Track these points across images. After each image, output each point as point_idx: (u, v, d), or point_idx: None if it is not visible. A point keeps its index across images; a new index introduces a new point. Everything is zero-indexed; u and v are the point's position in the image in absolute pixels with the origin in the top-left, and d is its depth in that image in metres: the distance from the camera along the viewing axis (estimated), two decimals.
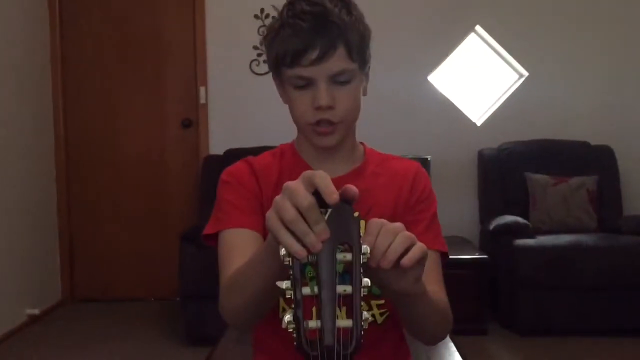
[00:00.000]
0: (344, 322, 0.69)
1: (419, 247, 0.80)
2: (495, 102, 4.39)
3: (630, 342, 3.37)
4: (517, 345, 3.38)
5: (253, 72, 4.26)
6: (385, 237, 0.78)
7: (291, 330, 0.69)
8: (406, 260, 0.77)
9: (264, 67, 4.24)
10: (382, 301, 1.14)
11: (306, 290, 0.69)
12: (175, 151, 4.43)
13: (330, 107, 1.09)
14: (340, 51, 1.07)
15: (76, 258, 4.44)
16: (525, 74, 4.31)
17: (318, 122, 1.11)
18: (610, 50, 4.29)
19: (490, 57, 4.39)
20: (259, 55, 4.25)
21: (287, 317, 0.69)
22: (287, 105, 1.18)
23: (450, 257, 3.82)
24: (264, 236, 1.10)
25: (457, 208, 4.26)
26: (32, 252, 4.00)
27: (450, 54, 4.33)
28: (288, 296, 0.69)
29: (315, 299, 0.70)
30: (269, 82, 4.57)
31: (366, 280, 0.70)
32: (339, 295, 0.69)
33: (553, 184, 3.85)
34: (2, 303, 3.63)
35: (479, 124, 4.34)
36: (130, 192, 4.43)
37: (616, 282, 3.43)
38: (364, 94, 1.19)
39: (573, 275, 3.42)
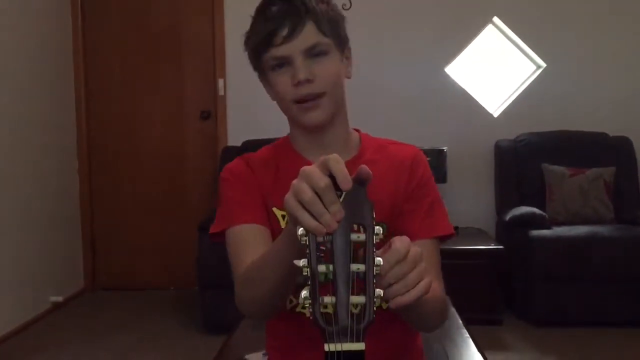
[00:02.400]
0: (357, 299, 0.72)
1: (426, 283, 0.80)
2: (512, 94, 4.39)
3: None
4: (532, 336, 3.39)
5: None
6: (401, 275, 0.78)
7: (307, 305, 0.72)
8: (407, 298, 0.78)
9: None
10: None
11: (322, 268, 0.71)
12: (194, 142, 4.49)
13: (309, 81, 1.10)
14: (310, 26, 1.10)
15: (97, 248, 4.53)
16: (543, 65, 4.29)
17: (302, 99, 1.13)
18: (628, 41, 4.26)
19: (508, 48, 4.38)
20: None
21: (304, 293, 0.72)
22: None
23: (466, 247, 3.84)
24: (271, 229, 1.15)
25: (474, 199, 4.27)
26: (55, 242, 4.10)
27: (467, 45, 4.33)
28: (304, 273, 0.72)
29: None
30: None
31: (378, 260, 0.73)
32: (353, 272, 0.72)
33: (570, 175, 3.85)
34: (27, 291, 3.73)
35: (495, 115, 4.34)
36: (150, 183, 4.50)
37: (632, 273, 3.42)
38: (348, 76, 1.20)
39: (588, 266, 3.42)
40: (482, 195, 4.28)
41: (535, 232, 3.50)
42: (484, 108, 4.34)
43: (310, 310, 0.72)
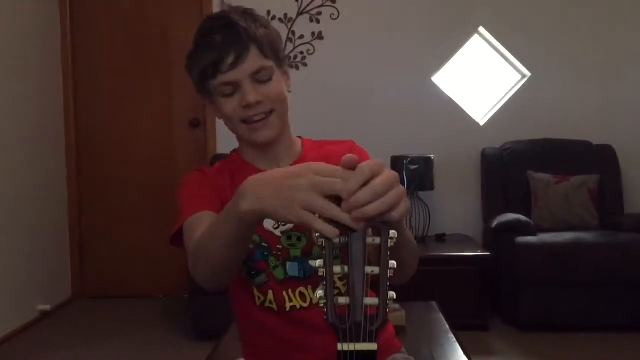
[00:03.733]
0: (370, 300, 0.73)
1: (407, 204, 0.79)
2: (498, 102, 4.45)
3: (630, 337, 3.42)
4: (519, 341, 3.44)
5: None
6: (371, 193, 0.75)
7: (322, 305, 0.73)
8: (394, 215, 0.77)
9: None
10: None
11: (337, 269, 0.73)
12: (183, 150, 4.51)
13: (258, 103, 1.17)
14: (254, 51, 1.16)
15: (86, 256, 4.53)
16: (528, 74, 4.36)
17: (250, 119, 1.19)
18: (612, 50, 4.34)
19: (493, 57, 4.45)
20: None
21: (320, 293, 0.73)
22: (292, 104, 1.27)
23: (453, 253, 3.89)
24: None
25: (461, 206, 4.32)
26: (43, 250, 4.09)
27: (453, 55, 4.39)
28: (320, 274, 0.73)
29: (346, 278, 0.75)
30: None
31: (392, 262, 0.75)
32: (367, 274, 0.73)
33: (555, 183, 3.91)
34: (15, 299, 3.72)
35: (482, 123, 4.40)
36: (139, 191, 4.51)
37: (616, 278, 3.48)
38: (289, 90, 1.26)
39: (574, 271, 3.47)
40: (468, 202, 4.34)
41: (521, 239, 3.55)
42: (470, 117, 4.39)
43: (325, 310, 0.73)
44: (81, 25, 4.47)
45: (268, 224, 1.19)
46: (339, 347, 0.72)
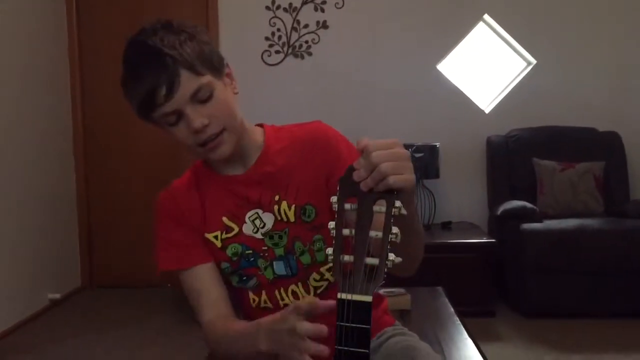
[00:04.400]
0: (371, 260, 0.82)
1: (404, 178, 0.86)
2: (503, 90, 4.45)
3: (635, 324, 3.43)
4: (524, 327, 3.46)
5: (265, 62, 4.34)
6: (365, 165, 0.86)
7: (330, 261, 0.85)
8: (392, 180, 0.85)
9: (276, 58, 4.32)
10: (330, 264, 1.20)
11: (345, 232, 0.84)
12: None
13: (205, 125, 1.11)
14: (185, 74, 1.08)
15: (94, 245, 4.57)
16: (533, 61, 4.36)
17: (204, 143, 1.14)
18: (618, 37, 4.32)
19: (499, 45, 4.45)
20: (271, 46, 4.33)
21: (329, 250, 0.84)
22: (298, 93, 1.27)
23: (459, 241, 3.91)
24: (209, 252, 1.23)
25: (466, 194, 4.34)
26: (52, 240, 4.13)
27: (459, 43, 4.39)
28: (331, 234, 0.86)
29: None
30: (280, 72, 4.68)
31: (395, 229, 0.83)
32: (371, 237, 0.83)
33: (560, 170, 3.91)
34: (25, 288, 3.77)
35: (487, 111, 4.40)
36: (146, 180, 4.54)
37: (621, 265, 3.49)
38: (235, 92, 1.19)
39: (579, 258, 3.49)
40: (474, 190, 4.35)
41: (527, 226, 3.57)
42: (475, 104, 4.40)
43: (332, 263, 0.85)
44: (88, 21, 4.49)
45: (247, 229, 1.21)
46: (339, 295, 0.83)
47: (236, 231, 1.21)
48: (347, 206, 0.85)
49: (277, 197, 1.20)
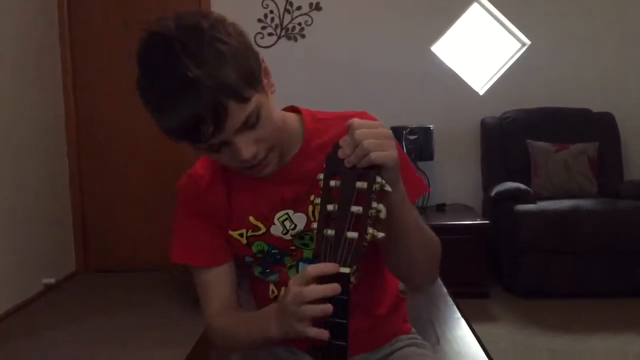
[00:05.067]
0: (351, 234, 0.84)
1: (393, 157, 0.87)
2: (497, 72, 4.43)
3: (629, 303, 3.46)
4: (518, 307, 3.48)
5: (258, 44, 4.31)
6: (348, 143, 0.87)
7: (314, 230, 0.87)
8: (374, 157, 0.85)
9: (269, 40, 4.29)
10: (355, 266, 1.17)
11: (330, 207, 0.87)
12: None
13: (254, 155, 1.00)
14: (231, 105, 0.93)
15: (89, 230, 4.56)
16: (528, 42, 4.34)
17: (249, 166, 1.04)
18: (612, 18, 4.30)
19: (493, 26, 4.42)
20: (263, 28, 4.30)
21: (313, 225, 0.87)
22: (291, 76, 1.19)
23: (454, 222, 3.90)
24: (232, 252, 1.18)
25: (460, 176, 4.34)
26: (47, 225, 4.12)
27: (453, 24, 4.36)
28: (317, 210, 0.87)
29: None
30: (274, 54, 4.63)
31: (375, 204, 0.85)
32: (352, 213, 0.85)
33: (554, 151, 3.91)
34: (20, 273, 3.76)
35: (481, 93, 4.39)
36: (140, 166, 4.53)
37: (615, 245, 3.50)
38: (273, 90, 1.06)
39: (573, 239, 3.50)
40: (468, 172, 4.35)
41: (521, 207, 3.57)
42: (469, 86, 4.38)
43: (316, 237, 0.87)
44: (79, 8, 4.44)
45: (275, 230, 1.13)
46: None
47: (263, 231, 1.14)
48: (332, 183, 0.87)
49: (312, 197, 1.06)
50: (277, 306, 0.99)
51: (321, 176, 0.89)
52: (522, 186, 3.71)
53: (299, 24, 4.32)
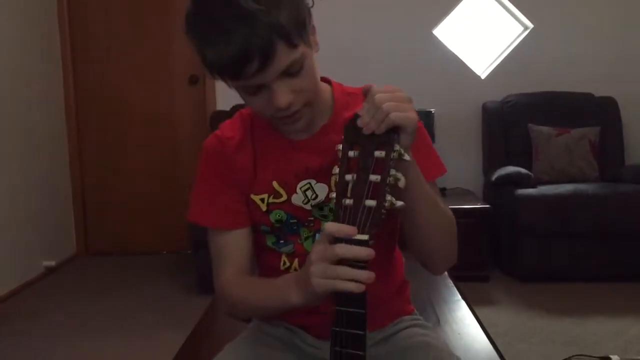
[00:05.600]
0: (369, 202, 0.84)
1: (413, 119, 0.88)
2: (499, 55, 4.41)
3: (627, 287, 3.47)
4: (518, 291, 3.49)
5: None
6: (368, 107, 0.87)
7: (333, 200, 0.87)
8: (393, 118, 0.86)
9: None
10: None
11: (348, 177, 0.86)
12: (183, 107, 4.49)
13: (290, 104, 1.00)
14: (280, 47, 0.93)
15: (89, 213, 4.57)
16: (530, 26, 4.31)
17: (283, 117, 1.04)
18: (615, 2, 4.27)
19: (495, 9, 4.39)
20: None
21: (332, 195, 0.87)
22: None
23: (454, 207, 3.89)
24: (250, 215, 1.17)
25: (461, 160, 4.33)
26: (47, 208, 4.12)
27: (455, 7, 4.33)
28: (335, 180, 0.87)
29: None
30: None
31: (399, 173, 0.85)
32: (370, 182, 0.85)
33: (556, 135, 3.90)
34: (20, 255, 3.77)
35: (483, 77, 4.37)
36: (140, 148, 4.52)
37: (615, 229, 3.50)
38: (316, 51, 1.07)
39: (573, 223, 3.50)
40: (469, 156, 4.34)
41: (521, 191, 3.57)
42: (471, 70, 4.36)
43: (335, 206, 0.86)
44: None
45: (297, 199, 1.13)
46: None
47: (284, 198, 1.13)
48: (351, 153, 0.87)
49: (335, 169, 1.13)
50: (298, 273, 0.98)
51: (340, 146, 0.88)
52: (522, 170, 3.71)
53: None
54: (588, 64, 4.29)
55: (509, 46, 4.39)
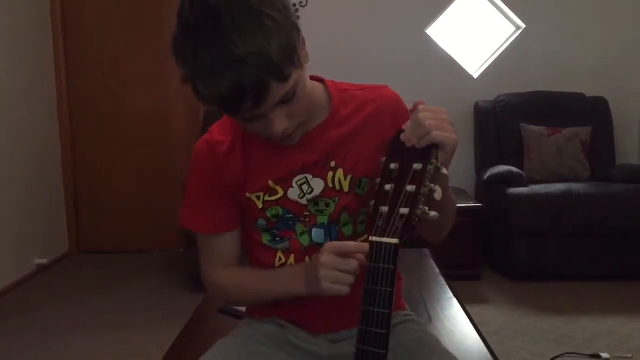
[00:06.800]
0: (403, 209, 0.91)
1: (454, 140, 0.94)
2: (492, 55, 4.43)
3: (618, 285, 3.49)
4: (509, 289, 3.50)
5: None
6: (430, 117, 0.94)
7: (371, 208, 0.94)
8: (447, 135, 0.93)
9: None
10: (365, 236, 1.17)
11: (387, 187, 0.93)
12: (176, 104, 4.48)
13: (285, 129, 1.01)
14: (273, 83, 0.92)
15: (81, 210, 4.55)
16: (522, 25, 4.33)
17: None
18: (606, 3, 4.30)
19: (488, 9, 4.41)
20: None
21: (372, 202, 0.94)
22: None
23: None
24: (250, 211, 1.18)
25: (454, 159, 4.32)
26: (39, 205, 4.11)
27: (448, 7, 4.34)
28: (376, 188, 0.95)
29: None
30: None
31: (434, 185, 0.91)
32: (406, 191, 0.91)
33: (547, 135, 3.92)
34: (12, 253, 3.75)
35: (475, 76, 4.38)
36: (133, 145, 4.51)
37: (605, 228, 3.52)
38: (307, 61, 1.05)
39: (564, 222, 3.52)
40: (461, 155, 4.36)
41: (513, 190, 3.59)
42: (463, 69, 4.38)
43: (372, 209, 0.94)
44: None
45: (293, 194, 1.14)
46: (370, 238, 0.92)
47: (280, 194, 1.14)
48: (392, 165, 0.94)
49: (333, 163, 1.13)
50: (307, 265, 1.08)
51: (383, 159, 0.96)
52: (514, 169, 3.72)
53: (293, 4, 4.28)
54: (579, 64, 4.31)
55: (501, 46, 4.41)
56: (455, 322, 1.64)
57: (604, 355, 2.54)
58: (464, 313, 1.69)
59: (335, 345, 1.20)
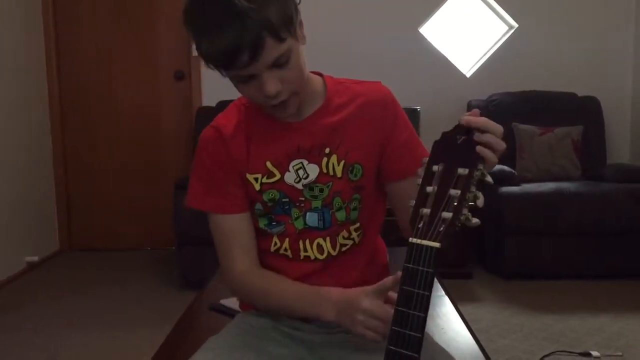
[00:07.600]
0: (446, 214, 0.88)
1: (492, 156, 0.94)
2: (484, 54, 4.44)
3: (608, 284, 3.51)
4: (501, 288, 3.51)
5: None
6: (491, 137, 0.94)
7: (411, 209, 0.91)
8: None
9: None
10: (358, 224, 1.23)
11: (429, 189, 0.91)
12: (168, 103, 4.48)
13: (278, 92, 1.08)
14: (269, 41, 1.01)
15: (72, 208, 4.53)
16: (515, 25, 4.34)
17: (273, 105, 1.12)
18: (598, 3, 4.32)
19: (480, 8, 4.42)
20: None
21: (411, 202, 0.91)
22: None
23: None
24: (246, 193, 1.22)
25: None
26: (30, 203, 4.09)
27: (441, 5, 4.35)
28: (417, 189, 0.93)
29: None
30: None
31: (478, 193, 0.90)
32: (450, 195, 0.89)
33: (539, 134, 3.94)
34: (2, 251, 3.73)
35: (468, 75, 4.39)
36: (125, 143, 4.49)
37: (597, 227, 3.54)
38: (303, 44, 1.14)
39: (556, 221, 3.53)
40: None
41: (505, 189, 3.60)
42: (457, 68, 4.39)
43: (412, 211, 0.92)
44: None
45: (289, 178, 1.19)
46: (410, 240, 0.90)
47: (277, 178, 1.19)
48: (435, 167, 0.92)
49: (327, 150, 1.19)
50: (343, 299, 1.08)
51: (425, 160, 0.94)
52: (506, 168, 3.74)
53: None
54: (572, 63, 4.33)
55: (494, 45, 4.43)
56: (447, 320, 1.64)
57: (595, 353, 2.55)
58: (455, 311, 1.69)
59: (327, 332, 1.21)
